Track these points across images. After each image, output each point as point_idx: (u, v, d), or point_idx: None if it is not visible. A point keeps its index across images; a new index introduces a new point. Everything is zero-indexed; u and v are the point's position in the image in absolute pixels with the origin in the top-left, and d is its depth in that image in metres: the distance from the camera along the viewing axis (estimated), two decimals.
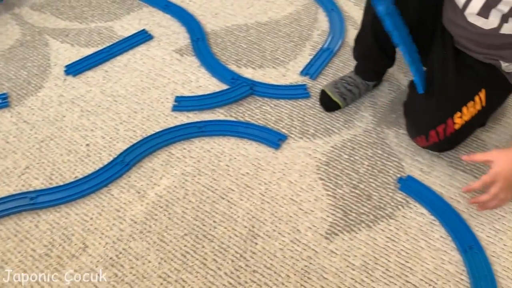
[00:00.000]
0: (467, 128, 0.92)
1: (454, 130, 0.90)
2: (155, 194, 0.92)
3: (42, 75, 1.14)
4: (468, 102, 0.88)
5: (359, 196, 0.93)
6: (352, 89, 1.07)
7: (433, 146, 0.95)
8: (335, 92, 1.07)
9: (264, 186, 0.94)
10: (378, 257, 0.84)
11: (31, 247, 0.84)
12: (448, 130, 0.90)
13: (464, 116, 0.89)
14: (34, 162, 0.96)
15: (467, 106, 0.88)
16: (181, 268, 0.82)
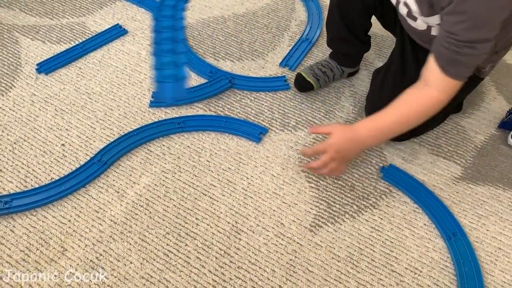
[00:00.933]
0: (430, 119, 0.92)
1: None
2: (135, 193, 0.90)
3: (12, 74, 1.10)
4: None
5: (342, 187, 0.92)
6: (326, 71, 1.07)
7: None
8: (309, 73, 1.07)
9: (246, 181, 0.92)
10: (363, 247, 0.84)
11: (7, 252, 0.81)
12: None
13: None
14: (7, 165, 0.93)
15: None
16: (164, 267, 0.80)
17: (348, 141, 0.84)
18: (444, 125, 1.04)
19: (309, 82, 1.06)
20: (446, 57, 0.74)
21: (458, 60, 0.74)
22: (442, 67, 0.75)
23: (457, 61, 0.74)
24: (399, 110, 0.82)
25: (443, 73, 0.75)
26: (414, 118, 0.82)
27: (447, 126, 1.04)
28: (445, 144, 1.01)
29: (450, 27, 0.72)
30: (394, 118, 0.82)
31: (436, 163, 0.97)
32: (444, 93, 0.78)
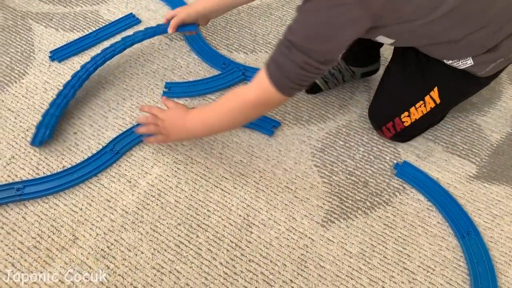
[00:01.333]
0: (422, 123, 0.93)
1: (404, 127, 0.93)
2: (147, 183, 0.89)
3: (26, 61, 1.10)
4: (417, 102, 0.90)
5: (355, 183, 0.91)
6: (335, 73, 1.05)
7: (393, 138, 0.97)
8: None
9: (258, 174, 0.92)
10: (375, 244, 0.83)
11: (19, 239, 0.81)
12: (397, 126, 0.93)
13: (413, 115, 0.91)
14: (19, 152, 0.93)
15: (415, 106, 0.90)
16: (175, 258, 0.80)
17: (177, 119, 0.86)
18: (459, 123, 1.02)
19: (316, 85, 1.04)
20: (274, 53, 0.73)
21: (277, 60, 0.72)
22: (267, 64, 0.73)
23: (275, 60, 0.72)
24: (223, 105, 0.82)
25: (265, 70, 0.74)
26: (236, 115, 0.81)
27: (462, 124, 1.03)
28: (460, 142, 0.99)
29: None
30: (219, 115, 0.83)
31: (451, 161, 0.96)
32: (256, 92, 0.76)
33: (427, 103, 0.89)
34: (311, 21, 0.70)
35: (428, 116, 0.91)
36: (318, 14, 0.69)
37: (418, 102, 0.90)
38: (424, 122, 0.93)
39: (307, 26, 0.70)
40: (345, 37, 0.70)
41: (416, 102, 0.90)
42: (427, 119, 0.92)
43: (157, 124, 0.88)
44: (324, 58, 0.71)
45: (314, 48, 0.70)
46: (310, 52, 0.69)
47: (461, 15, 0.73)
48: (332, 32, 0.69)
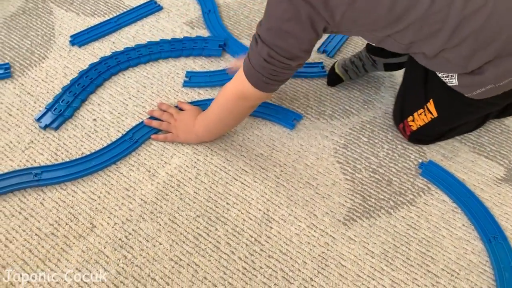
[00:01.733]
0: (429, 130, 0.90)
1: (412, 131, 0.91)
2: (166, 173, 0.88)
3: (46, 45, 1.08)
4: (419, 109, 0.89)
5: (379, 181, 0.89)
6: (355, 61, 1.01)
7: (411, 140, 0.94)
8: (339, 64, 1.02)
9: (279, 168, 0.90)
10: (398, 245, 0.81)
11: (37, 225, 0.80)
12: (407, 129, 0.92)
13: (417, 121, 0.89)
14: (38, 137, 0.92)
15: (418, 113, 0.89)
16: (193, 251, 0.79)
17: (189, 121, 0.90)
18: (487, 123, 0.99)
19: (336, 75, 1.02)
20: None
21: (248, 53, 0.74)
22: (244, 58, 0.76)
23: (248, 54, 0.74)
24: (214, 104, 0.85)
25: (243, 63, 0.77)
26: (223, 112, 0.84)
27: (490, 124, 0.99)
28: (487, 143, 0.96)
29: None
30: (212, 114, 0.86)
31: (478, 162, 0.93)
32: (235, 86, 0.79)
33: (427, 113, 0.87)
34: (272, 14, 0.70)
35: (431, 125, 0.88)
36: (279, 7, 0.68)
37: (419, 109, 0.89)
38: (431, 130, 0.90)
39: (268, 18, 0.70)
40: (303, 36, 0.70)
41: (418, 109, 0.89)
42: (433, 127, 0.88)
43: (170, 123, 0.92)
44: (289, 54, 0.71)
45: (275, 43, 0.70)
46: (273, 46, 0.70)
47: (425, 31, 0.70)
48: (289, 28, 0.69)
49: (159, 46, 1.08)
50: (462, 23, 0.67)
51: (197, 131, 0.89)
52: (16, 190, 0.84)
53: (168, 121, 0.93)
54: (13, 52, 1.06)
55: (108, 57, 1.05)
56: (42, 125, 0.93)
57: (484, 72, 0.73)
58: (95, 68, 1.02)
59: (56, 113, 0.94)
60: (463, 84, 0.77)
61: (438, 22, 0.68)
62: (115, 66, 1.03)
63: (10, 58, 1.05)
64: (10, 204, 0.82)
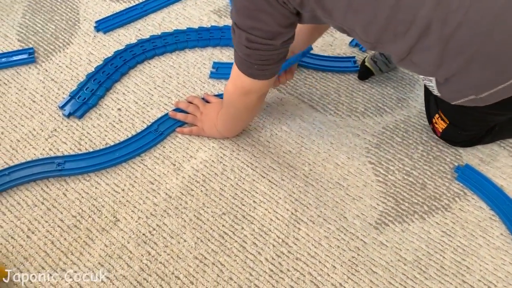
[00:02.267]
0: (452, 135, 0.86)
1: (440, 132, 0.87)
2: (191, 168, 0.85)
3: (70, 30, 1.06)
4: (435, 114, 0.86)
5: (413, 184, 0.85)
6: (385, 53, 0.96)
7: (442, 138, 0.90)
8: (369, 57, 0.98)
9: (308, 167, 0.86)
10: (432, 252, 0.77)
11: (59, 216, 0.78)
12: (436, 129, 0.88)
13: (439, 125, 0.86)
14: (62, 125, 0.90)
15: (436, 117, 0.86)
16: (218, 250, 0.76)
17: (213, 114, 0.86)
18: None
19: (366, 68, 0.97)
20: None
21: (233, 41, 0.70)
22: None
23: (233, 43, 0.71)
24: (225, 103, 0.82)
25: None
26: (231, 110, 0.81)
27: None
28: None
29: None
30: (224, 112, 0.83)
31: None
32: (233, 82, 0.76)
33: (440, 118, 0.85)
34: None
35: (452, 131, 0.85)
36: None
37: (435, 114, 0.86)
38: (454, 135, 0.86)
39: (236, 1, 0.66)
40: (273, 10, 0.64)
41: (434, 114, 0.86)
42: (453, 133, 0.85)
43: (196, 115, 0.89)
44: (267, 34, 0.66)
45: (248, 24, 0.65)
46: (248, 28, 0.65)
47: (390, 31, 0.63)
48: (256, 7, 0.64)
49: (185, 35, 1.05)
50: (431, 27, 0.60)
51: (219, 127, 0.87)
52: (39, 180, 0.82)
53: (194, 113, 0.90)
54: (37, 36, 1.04)
55: (133, 45, 1.02)
56: (66, 113, 0.90)
57: (457, 82, 0.67)
58: (120, 56, 0.99)
59: (80, 101, 0.92)
60: (443, 93, 0.72)
61: (405, 23, 0.61)
62: (141, 54, 1.00)
63: (34, 42, 1.03)
64: (33, 193, 0.81)
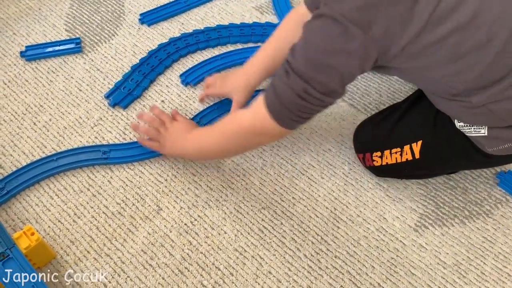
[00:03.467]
0: (396, 169, 0.80)
1: (373, 165, 0.82)
2: (232, 161, 0.86)
3: (116, 22, 1.08)
4: (394, 147, 0.78)
5: (453, 188, 0.84)
6: None
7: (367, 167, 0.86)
8: None
9: (347, 166, 0.87)
10: (472, 257, 0.77)
11: (104, 203, 0.81)
12: (366, 162, 0.83)
13: (386, 159, 0.79)
14: (107, 114, 0.92)
15: (390, 151, 0.78)
16: (258, 243, 0.77)
17: (179, 134, 0.81)
18: None
19: None
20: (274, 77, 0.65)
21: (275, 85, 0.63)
22: (267, 89, 0.65)
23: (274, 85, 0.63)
24: (218, 129, 0.75)
25: (263, 95, 0.65)
26: (230, 142, 0.74)
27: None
28: None
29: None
30: (211, 138, 0.76)
31: None
32: (252, 120, 0.68)
33: (404, 152, 0.77)
34: (313, 44, 0.60)
35: (403, 166, 0.78)
36: (321, 37, 0.59)
37: (396, 147, 0.78)
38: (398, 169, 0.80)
39: (307, 48, 0.60)
40: (346, 69, 0.59)
41: (394, 147, 0.78)
42: (403, 167, 0.79)
43: (159, 131, 0.83)
44: (327, 89, 0.60)
45: (313, 76, 0.59)
46: (310, 80, 0.59)
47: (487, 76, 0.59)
48: (331, 61, 0.59)
49: (228, 30, 1.06)
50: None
51: (187, 147, 0.80)
52: (85, 167, 0.85)
53: (158, 129, 0.83)
54: (83, 27, 1.07)
55: (177, 38, 1.03)
56: (111, 102, 0.93)
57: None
58: (164, 49, 1.01)
59: (125, 91, 0.94)
60: (493, 136, 0.66)
61: (505, 67, 0.58)
62: (184, 48, 1.01)
63: (80, 32, 1.06)
64: (79, 179, 0.83)
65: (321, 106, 0.63)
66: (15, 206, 0.80)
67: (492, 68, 0.58)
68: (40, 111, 0.92)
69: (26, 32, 1.05)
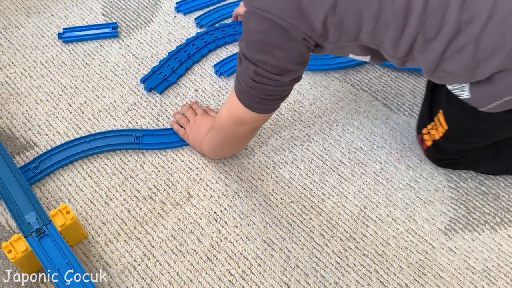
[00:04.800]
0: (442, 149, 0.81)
1: (426, 146, 0.83)
2: (262, 154, 0.87)
3: (152, 9, 1.09)
4: (429, 122, 0.81)
5: (485, 194, 0.83)
6: None
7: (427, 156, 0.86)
8: None
9: (379, 165, 0.86)
10: (502, 265, 0.76)
11: (136, 187, 0.81)
12: (424, 142, 0.84)
13: (431, 135, 0.81)
14: (141, 100, 0.93)
15: (428, 127, 0.82)
16: (286, 236, 0.77)
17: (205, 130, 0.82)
18: None
19: None
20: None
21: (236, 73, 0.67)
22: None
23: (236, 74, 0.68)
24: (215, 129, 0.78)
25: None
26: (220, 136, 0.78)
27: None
28: None
29: None
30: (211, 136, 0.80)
31: None
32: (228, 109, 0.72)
33: (437, 125, 0.79)
34: (249, 26, 0.62)
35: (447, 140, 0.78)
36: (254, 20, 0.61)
37: (430, 122, 0.81)
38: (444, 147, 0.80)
39: (246, 31, 0.63)
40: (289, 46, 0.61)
41: (429, 121, 0.81)
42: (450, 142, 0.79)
43: (189, 120, 0.86)
44: (276, 69, 0.63)
45: (258, 58, 0.62)
46: (258, 62, 0.62)
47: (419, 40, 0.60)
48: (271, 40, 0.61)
49: None
50: (460, 27, 0.57)
51: (203, 146, 0.83)
52: (118, 150, 0.86)
53: (189, 118, 0.87)
54: (120, 12, 1.08)
55: (214, 29, 1.04)
56: (146, 87, 0.93)
57: (494, 82, 0.62)
58: (202, 38, 1.01)
59: (161, 77, 0.95)
60: (476, 97, 0.66)
61: (433, 28, 0.58)
62: (221, 38, 1.02)
63: (117, 18, 1.07)
64: (112, 162, 0.84)
65: (281, 86, 0.65)
66: (49, 185, 0.81)
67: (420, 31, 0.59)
68: (76, 93, 0.93)
69: (64, 15, 1.06)
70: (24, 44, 1.00)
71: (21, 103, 0.91)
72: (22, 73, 0.96)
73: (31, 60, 0.98)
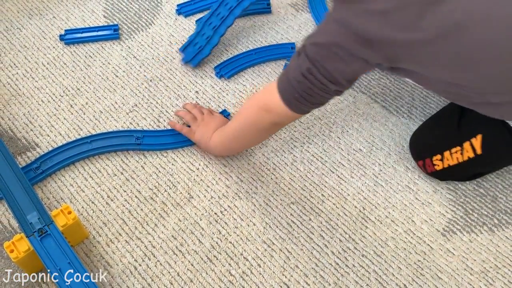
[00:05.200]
0: (459, 170, 0.80)
1: (434, 170, 0.82)
2: (262, 155, 0.87)
3: (153, 11, 1.10)
4: (454, 147, 0.78)
5: (483, 195, 0.84)
6: None
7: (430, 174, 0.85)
8: None
9: (378, 167, 0.87)
10: (500, 266, 0.77)
11: (137, 188, 0.82)
12: (428, 168, 0.83)
13: (447, 161, 0.79)
14: (142, 101, 0.94)
15: (450, 151, 0.78)
16: (286, 237, 0.78)
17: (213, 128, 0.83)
18: None
19: None
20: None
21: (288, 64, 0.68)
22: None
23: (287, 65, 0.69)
24: (238, 114, 0.79)
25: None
26: (243, 120, 0.77)
27: None
28: None
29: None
30: (232, 123, 0.80)
31: None
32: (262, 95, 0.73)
33: (465, 150, 0.77)
34: (324, 29, 0.63)
35: (466, 165, 0.78)
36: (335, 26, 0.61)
37: (455, 146, 0.78)
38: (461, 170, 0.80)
39: (320, 32, 0.64)
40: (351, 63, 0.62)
41: (454, 146, 0.78)
42: (467, 167, 0.79)
43: (195, 119, 0.87)
44: (331, 76, 0.63)
45: (319, 60, 0.62)
46: (316, 62, 0.62)
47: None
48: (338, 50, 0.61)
49: None
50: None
51: (211, 144, 0.83)
52: (119, 151, 0.86)
53: (197, 116, 0.87)
54: (121, 14, 1.09)
55: None
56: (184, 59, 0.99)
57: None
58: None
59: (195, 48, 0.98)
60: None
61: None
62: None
63: (118, 20, 1.07)
64: (113, 163, 0.85)
65: (325, 92, 0.65)
66: (50, 185, 0.82)
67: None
68: (77, 94, 0.94)
69: (65, 16, 1.07)
70: (26, 46, 1.01)
71: (23, 104, 0.92)
72: (24, 74, 0.96)
73: (33, 62, 0.98)
